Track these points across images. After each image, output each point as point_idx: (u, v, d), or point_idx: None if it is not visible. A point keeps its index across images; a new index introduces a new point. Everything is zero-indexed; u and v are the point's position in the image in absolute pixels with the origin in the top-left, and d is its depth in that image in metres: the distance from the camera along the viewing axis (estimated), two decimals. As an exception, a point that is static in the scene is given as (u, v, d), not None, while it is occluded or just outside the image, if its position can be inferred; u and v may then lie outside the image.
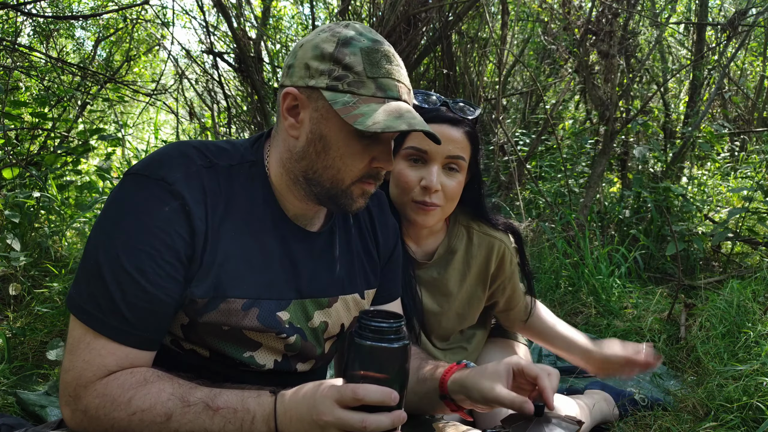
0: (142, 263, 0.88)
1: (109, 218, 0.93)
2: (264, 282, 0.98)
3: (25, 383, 1.91)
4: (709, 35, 5.45)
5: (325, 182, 0.97)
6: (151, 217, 0.90)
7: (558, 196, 4.25)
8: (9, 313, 2.30)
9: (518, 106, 5.96)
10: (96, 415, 0.88)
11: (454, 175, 1.37)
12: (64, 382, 0.90)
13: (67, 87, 3.86)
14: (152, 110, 5.62)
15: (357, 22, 0.99)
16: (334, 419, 0.80)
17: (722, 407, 1.66)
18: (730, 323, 2.14)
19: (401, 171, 1.36)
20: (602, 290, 2.91)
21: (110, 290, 0.88)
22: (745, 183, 4.33)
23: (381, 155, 0.97)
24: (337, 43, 0.93)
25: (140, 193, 0.92)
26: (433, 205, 1.35)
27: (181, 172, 0.93)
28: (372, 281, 1.17)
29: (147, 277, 0.89)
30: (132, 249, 0.89)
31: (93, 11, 5.18)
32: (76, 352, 0.89)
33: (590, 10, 4.32)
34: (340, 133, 0.94)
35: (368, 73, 0.92)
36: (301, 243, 1.04)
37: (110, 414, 0.87)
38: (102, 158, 3.61)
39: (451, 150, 1.34)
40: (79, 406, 0.88)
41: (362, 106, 0.91)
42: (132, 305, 0.89)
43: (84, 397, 0.88)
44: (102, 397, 0.88)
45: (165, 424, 0.86)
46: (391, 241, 1.22)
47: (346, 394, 0.80)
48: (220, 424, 0.86)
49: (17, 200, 2.64)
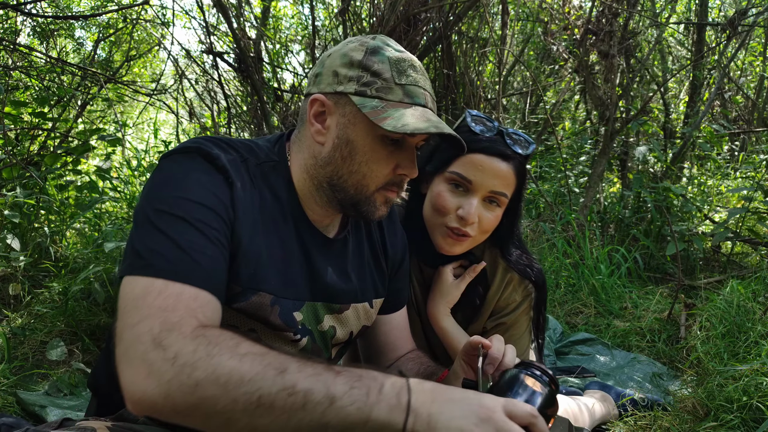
0: (202, 215, 0.85)
1: (155, 189, 0.88)
2: (284, 281, 0.99)
3: (25, 383, 1.91)
4: (709, 35, 5.45)
5: (350, 188, 0.98)
6: (200, 180, 0.88)
7: (558, 196, 4.25)
8: (9, 313, 2.30)
9: (518, 106, 5.96)
10: (191, 361, 0.69)
11: (493, 209, 1.30)
12: (132, 338, 0.72)
13: (67, 87, 3.86)
14: (152, 110, 5.62)
15: (383, 35, 1.02)
16: (502, 422, 0.73)
17: (722, 407, 1.66)
18: (730, 323, 2.14)
19: (441, 193, 1.30)
20: (602, 290, 2.91)
21: (174, 239, 0.81)
22: (745, 183, 4.33)
23: (405, 162, 0.98)
24: (366, 52, 0.96)
25: (184, 164, 0.90)
26: (465, 235, 1.29)
27: (222, 153, 0.94)
28: (380, 291, 1.19)
29: (209, 231, 0.84)
30: (188, 203, 0.85)
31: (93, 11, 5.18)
32: (145, 304, 0.75)
33: (590, 10, 4.32)
34: (367, 137, 0.95)
35: (396, 80, 0.95)
36: (320, 247, 1.05)
37: (213, 356, 0.70)
38: (102, 158, 3.61)
39: (496, 185, 1.27)
40: (166, 353, 0.70)
41: (390, 110, 0.93)
42: (200, 251, 0.82)
43: (174, 343, 0.71)
44: (200, 338, 0.72)
45: (282, 374, 0.70)
46: (399, 253, 1.23)
47: (522, 411, 0.75)
48: (345, 386, 0.72)
49: (17, 200, 2.64)
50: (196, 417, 0.70)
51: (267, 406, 0.69)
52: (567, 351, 2.44)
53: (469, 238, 1.30)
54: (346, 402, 0.70)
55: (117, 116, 4.47)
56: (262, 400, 0.69)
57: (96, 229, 3.07)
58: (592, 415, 1.72)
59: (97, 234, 2.91)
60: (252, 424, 0.69)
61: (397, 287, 1.24)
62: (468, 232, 1.28)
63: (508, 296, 1.44)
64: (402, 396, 0.73)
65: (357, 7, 4.10)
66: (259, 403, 0.69)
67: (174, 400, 0.68)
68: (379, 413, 0.71)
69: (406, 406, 0.72)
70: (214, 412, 0.69)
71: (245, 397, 0.68)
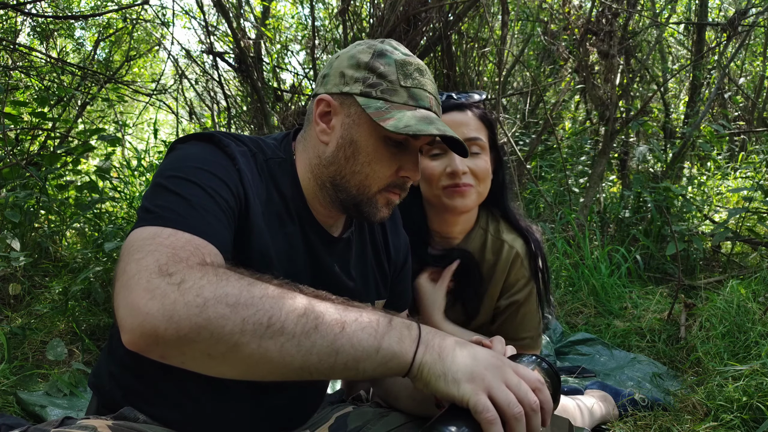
0: (215, 184, 0.85)
1: (172, 162, 0.88)
2: (288, 276, 0.99)
3: (25, 383, 1.91)
4: (709, 35, 5.45)
5: (352, 188, 0.98)
6: (212, 161, 0.89)
7: (558, 196, 4.25)
8: (9, 313, 2.30)
9: (518, 106, 5.96)
10: (199, 285, 0.66)
11: (476, 156, 1.39)
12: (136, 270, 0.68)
13: (67, 87, 3.86)
14: (152, 110, 5.62)
15: (392, 40, 1.03)
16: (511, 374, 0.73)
17: (722, 407, 1.66)
18: (730, 323, 2.14)
19: (425, 165, 1.38)
20: (602, 290, 2.91)
21: (186, 198, 0.81)
22: (745, 183, 4.33)
23: (408, 164, 0.99)
24: (373, 54, 0.97)
25: (200, 146, 0.92)
26: (465, 185, 1.36)
27: (233, 143, 0.95)
28: (383, 292, 1.19)
29: (219, 201, 0.84)
30: (202, 172, 0.86)
31: (93, 11, 5.18)
32: (153, 243, 0.72)
33: (590, 10, 4.32)
34: (370, 138, 0.96)
35: (401, 83, 0.95)
36: (324, 245, 1.05)
37: (221, 281, 0.67)
38: (102, 158, 3.61)
39: (465, 133, 1.37)
40: (172, 279, 0.66)
41: (394, 111, 0.93)
42: (211, 212, 0.82)
43: (180, 271, 0.68)
44: (208, 267, 0.70)
45: (291, 299, 0.70)
46: (402, 255, 1.24)
47: (532, 374, 0.76)
48: (356, 314, 0.72)
49: (17, 200, 2.64)
50: (200, 344, 0.65)
51: (277, 327, 0.67)
52: (567, 351, 2.44)
53: (471, 188, 1.37)
54: (357, 327, 0.71)
55: (117, 116, 4.47)
56: (272, 320, 0.67)
57: (96, 229, 3.07)
58: (592, 415, 1.72)
59: (97, 234, 2.91)
60: (260, 349, 0.66)
61: (399, 289, 1.24)
62: (466, 181, 1.36)
63: (517, 272, 1.47)
64: (413, 329, 0.75)
65: (357, 7, 4.09)
66: (269, 324, 0.66)
67: (178, 323, 0.64)
68: (390, 342, 0.72)
69: (417, 338, 0.74)
70: (220, 336, 0.65)
71: (255, 317, 0.66)
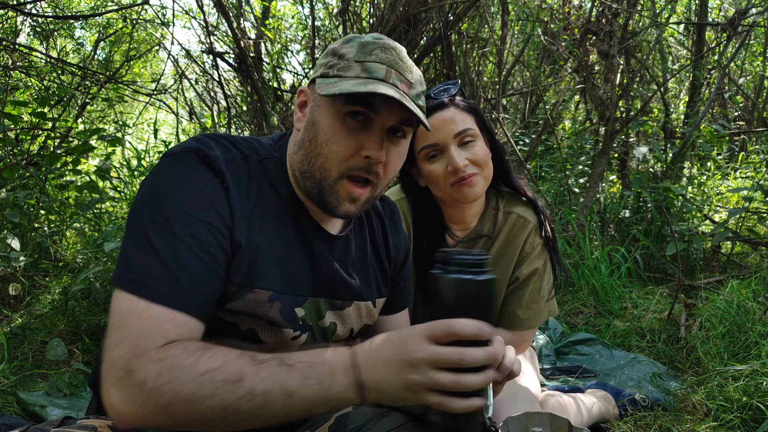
0: (194, 230, 0.86)
1: (154, 193, 0.90)
2: (286, 276, 1.00)
3: (25, 383, 1.91)
4: (709, 35, 5.45)
5: (315, 173, 0.97)
6: (197, 189, 0.89)
7: (558, 196, 4.25)
8: (9, 313, 2.30)
9: (518, 106, 5.96)
10: (156, 386, 0.76)
11: (471, 145, 1.44)
12: (110, 361, 0.80)
13: (67, 87, 3.86)
14: (152, 110, 5.62)
15: (379, 33, 1.02)
16: (428, 354, 0.75)
17: (722, 407, 1.66)
18: (730, 323, 2.14)
19: (428, 170, 1.46)
20: (602, 290, 2.91)
21: (162, 257, 0.84)
22: (745, 183, 4.33)
23: (370, 143, 0.95)
24: (344, 42, 0.98)
25: (182, 167, 0.91)
26: (470, 175, 1.42)
27: (221, 153, 0.95)
28: (383, 290, 1.18)
29: (200, 244, 0.86)
30: (183, 216, 0.87)
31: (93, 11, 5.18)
32: (126, 325, 0.81)
33: (590, 10, 4.32)
34: (328, 116, 0.95)
35: (357, 59, 0.94)
36: (323, 243, 1.05)
37: (175, 380, 0.76)
38: (102, 158, 3.61)
39: (454, 129, 1.43)
40: (135, 379, 0.77)
41: (341, 83, 0.92)
42: (186, 270, 0.84)
43: (141, 368, 0.77)
44: (163, 362, 0.78)
45: (238, 384, 0.77)
46: (402, 254, 1.23)
47: (438, 329, 0.76)
48: (299, 379, 0.78)
49: (17, 200, 2.64)
50: (176, 426, 0.79)
51: (233, 411, 0.77)
52: (567, 351, 2.44)
53: (476, 176, 1.44)
54: (304, 393, 0.78)
55: (117, 116, 4.47)
56: (227, 409, 0.77)
57: (96, 229, 3.07)
58: (591, 414, 1.72)
59: (97, 234, 2.91)
60: (226, 424, 0.79)
61: (400, 288, 1.24)
62: (469, 173, 1.42)
63: (532, 240, 1.56)
64: (350, 375, 0.79)
65: (357, 7, 4.09)
66: (225, 411, 0.77)
67: (151, 419, 0.78)
68: (335, 395, 0.79)
69: (358, 384, 0.79)
70: (189, 422, 0.78)
71: (211, 409, 0.77)
